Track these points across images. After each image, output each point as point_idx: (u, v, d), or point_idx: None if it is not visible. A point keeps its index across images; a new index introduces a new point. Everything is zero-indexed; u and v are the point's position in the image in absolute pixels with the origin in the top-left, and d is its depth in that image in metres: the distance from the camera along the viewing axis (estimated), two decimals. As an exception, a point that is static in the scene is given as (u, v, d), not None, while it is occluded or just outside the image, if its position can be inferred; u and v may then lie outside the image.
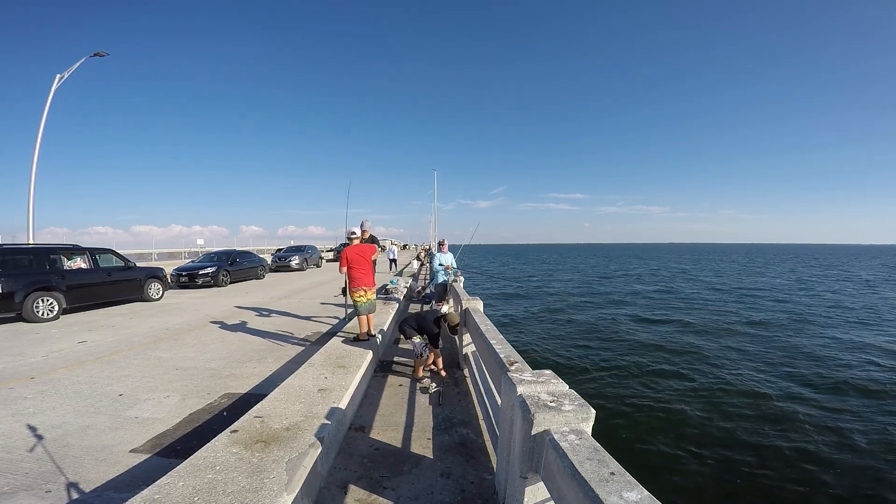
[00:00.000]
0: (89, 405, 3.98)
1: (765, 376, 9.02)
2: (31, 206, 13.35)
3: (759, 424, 6.75)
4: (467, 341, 5.15)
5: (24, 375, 4.84)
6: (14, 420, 3.62)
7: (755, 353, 10.99)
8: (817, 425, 6.74)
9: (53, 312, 8.18)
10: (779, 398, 7.81)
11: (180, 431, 3.47)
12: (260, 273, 17.21)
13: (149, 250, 28.85)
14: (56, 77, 13.53)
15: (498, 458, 2.57)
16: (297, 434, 2.72)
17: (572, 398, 1.96)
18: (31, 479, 2.72)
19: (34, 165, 13.34)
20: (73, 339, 6.68)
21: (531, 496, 1.95)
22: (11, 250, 8.33)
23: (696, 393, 8.11)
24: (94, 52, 13.65)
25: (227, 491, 2.07)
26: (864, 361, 10.18)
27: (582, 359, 10.51)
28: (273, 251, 26.34)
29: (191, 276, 13.89)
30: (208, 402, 4.11)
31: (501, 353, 3.06)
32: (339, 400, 3.36)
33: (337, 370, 4.10)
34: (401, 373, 5.04)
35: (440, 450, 3.12)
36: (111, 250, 10.39)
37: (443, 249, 8.67)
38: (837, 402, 7.69)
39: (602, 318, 16.06)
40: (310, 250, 23.46)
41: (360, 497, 2.54)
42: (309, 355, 4.80)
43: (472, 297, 5.35)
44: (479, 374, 4.14)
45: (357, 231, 5.81)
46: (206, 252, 19.15)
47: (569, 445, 1.60)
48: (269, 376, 4.85)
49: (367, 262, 5.46)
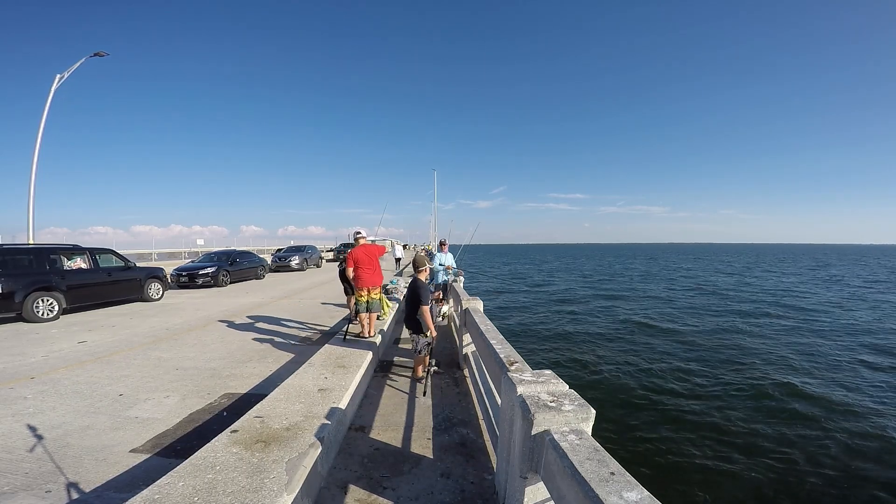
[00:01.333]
0: (89, 405, 3.98)
1: (767, 377, 9.02)
2: (31, 206, 13.35)
3: (759, 425, 6.74)
4: (467, 341, 5.15)
5: (24, 375, 4.84)
6: (14, 420, 3.62)
7: (757, 354, 10.99)
8: (818, 426, 6.73)
9: (53, 312, 8.18)
10: (779, 399, 7.80)
11: (180, 431, 3.47)
12: (260, 273, 17.21)
13: (149, 250, 28.83)
14: (56, 77, 13.53)
15: (498, 458, 2.57)
16: (297, 434, 2.72)
17: (572, 398, 1.96)
18: (31, 479, 2.72)
19: (34, 165, 13.35)
20: (73, 339, 6.68)
21: (531, 496, 1.95)
22: (11, 250, 8.33)
23: (698, 393, 8.11)
24: (94, 52, 13.65)
25: (227, 491, 2.07)
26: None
27: (582, 359, 10.51)
28: (273, 251, 26.34)
29: (191, 276, 13.88)
30: (208, 402, 4.11)
31: (501, 353, 3.06)
32: (339, 400, 3.36)
33: (337, 370, 4.10)
34: (401, 373, 5.04)
35: (440, 450, 3.12)
36: (111, 250, 10.39)
37: (443, 249, 8.78)
38: (843, 404, 7.62)
39: (602, 319, 16.06)
40: (310, 250, 23.46)
41: (360, 497, 2.54)
42: (309, 355, 4.81)
43: (472, 297, 5.35)
44: (479, 374, 4.14)
45: (363, 231, 5.93)
46: (205, 252, 19.15)
47: (569, 445, 1.60)
48: (269, 376, 4.85)
49: (373, 262, 5.55)
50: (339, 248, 33.01)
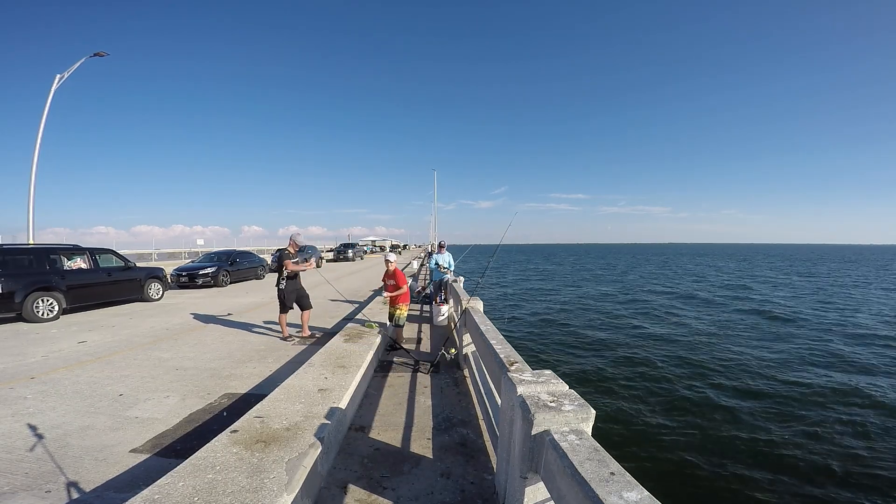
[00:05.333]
0: (89, 405, 3.98)
1: (769, 377, 9.01)
2: (31, 206, 13.36)
3: (760, 425, 6.74)
4: (467, 341, 5.15)
5: (24, 375, 4.84)
6: (14, 420, 3.62)
7: (759, 354, 10.98)
8: (820, 426, 6.73)
9: (53, 312, 8.18)
10: (782, 399, 7.80)
11: (180, 431, 3.47)
12: (260, 273, 17.22)
13: (149, 250, 28.84)
14: (56, 77, 13.54)
15: (498, 459, 2.57)
16: (297, 434, 2.72)
17: (572, 398, 1.96)
18: (31, 479, 2.72)
19: (34, 165, 13.36)
20: (73, 339, 6.68)
21: (531, 496, 1.95)
22: (11, 250, 8.33)
23: (699, 394, 8.10)
24: (94, 52, 13.66)
25: (227, 491, 2.07)
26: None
27: (582, 359, 10.50)
28: (273, 251, 26.33)
29: (191, 276, 13.89)
30: (208, 402, 4.11)
31: (501, 353, 3.06)
32: (339, 400, 3.36)
33: (337, 370, 4.10)
34: (401, 373, 5.04)
35: (440, 450, 3.12)
36: (111, 250, 10.39)
37: (441, 251, 9.26)
38: (847, 406, 7.57)
39: (604, 319, 16.05)
40: (310, 250, 23.45)
41: (360, 497, 2.54)
42: (309, 355, 4.81)
43: (472, 297, 5.35)
44: (479, 374, 4.14)
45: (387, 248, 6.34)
46: (205, 252, 19.16)
47: (569, 445, 1.60)
48: (269, 376, 4.85)
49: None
50: (339, 248, 33.06)
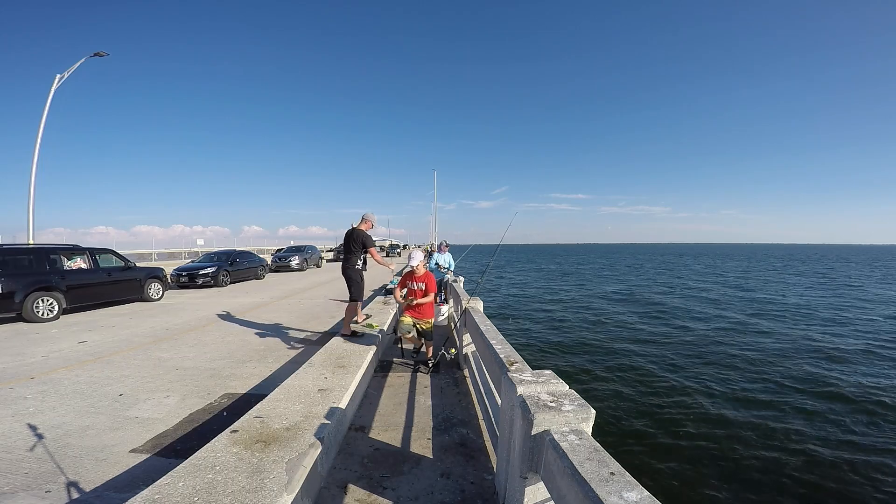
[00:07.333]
0: (89, 405, 3.98)
1: (769, 378, 9.01)
2: (31, 206, 13.37)
3: (761, 425, 6.73)
4: (467, 341, 5.15)
5: (24, 375, 4.84)
6: (14, 420, 3.62)
7: (760, 355, 10.98)
8: (820, 426, 6.72)
9: (53, 312, 8.18)
10: (782, 399, 7.80)
11: (180, 431, 3.47)
12: (260, 273, 17.22)
13: (149, 250, 28.86)
14: (56, 77, 13.55)
15: (498, 459, 2.57)
16: (297, 434, 2.72)
17: (572, 398, 1.96)
18: (31, 479, 2.72)
19: (34, 165, 13.37)
20: (73, 339, 6.68)
21: (531, 496, 1.95)
22: (11, 250, 8.34)
23: (699, 394, 8.10)
24: (94, 52, 13.67)
25: (227, 491, 2.07)
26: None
27: (583, 359, 10.50)
28: (273, 251, 26.35)
29: (191, 276, 13.89)
30: (208, 402, 4.11)
31: (501, 353, 3.06)
32: (339, 400, 3.36)
33: (337, 370, 4.10)
34: (401, 373, 5.04)
35: (440, 450, 3.12)
36: (111, 250, 10.40)
37: (442, 250, 9.26)
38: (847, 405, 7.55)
39: (604, 319, 16.05)
40: (310, 250, 23.46)
41: (360, 497, 2.54)
42: (309, 355, 4.80)
43: (472, 297, 5.35)
44: (479, 374, 4.14)
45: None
46: (205, 252, 19.17)
47: (569, 445, 1.60)
48: (269, 376, 4.85)
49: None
50: (339, 248, 33.08)
